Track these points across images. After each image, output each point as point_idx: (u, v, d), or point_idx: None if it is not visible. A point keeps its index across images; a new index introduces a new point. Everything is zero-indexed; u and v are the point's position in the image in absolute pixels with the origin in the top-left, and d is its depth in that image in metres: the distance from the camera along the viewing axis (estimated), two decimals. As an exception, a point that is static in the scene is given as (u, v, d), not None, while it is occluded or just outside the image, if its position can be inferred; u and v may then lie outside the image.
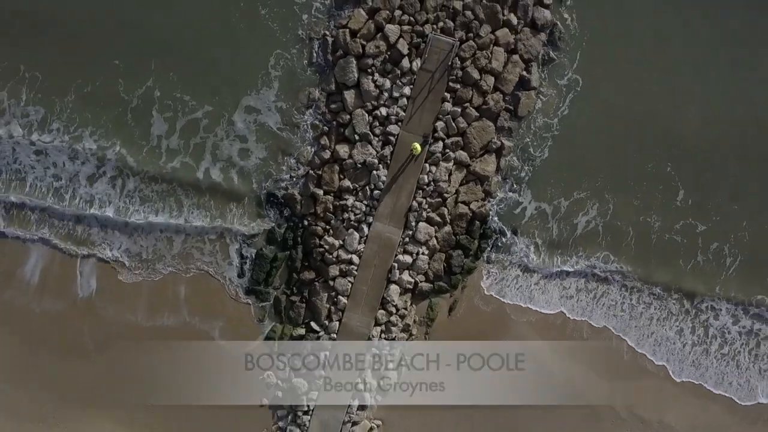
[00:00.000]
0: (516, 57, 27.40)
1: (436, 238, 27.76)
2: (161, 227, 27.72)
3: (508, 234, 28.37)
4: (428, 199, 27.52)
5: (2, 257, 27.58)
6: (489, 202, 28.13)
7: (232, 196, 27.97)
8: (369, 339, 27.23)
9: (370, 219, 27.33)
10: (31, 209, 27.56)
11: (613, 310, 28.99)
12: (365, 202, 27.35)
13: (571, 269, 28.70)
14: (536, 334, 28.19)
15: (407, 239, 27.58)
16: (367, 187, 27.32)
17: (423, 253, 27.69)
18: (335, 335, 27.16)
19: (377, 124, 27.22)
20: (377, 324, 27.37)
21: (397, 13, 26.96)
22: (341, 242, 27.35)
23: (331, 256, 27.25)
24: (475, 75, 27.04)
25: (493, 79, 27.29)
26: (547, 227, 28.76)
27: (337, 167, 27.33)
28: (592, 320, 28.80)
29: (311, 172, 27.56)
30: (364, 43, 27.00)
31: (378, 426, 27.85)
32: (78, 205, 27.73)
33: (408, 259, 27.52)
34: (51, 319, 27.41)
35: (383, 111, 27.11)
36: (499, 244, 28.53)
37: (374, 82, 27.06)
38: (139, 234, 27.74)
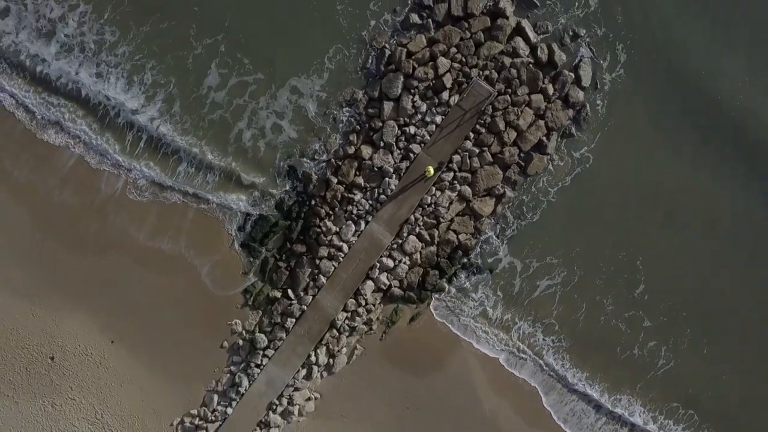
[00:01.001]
0: (541, 122, 29.13)
1: (421, 253, 29.53)
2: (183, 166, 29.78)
3: (484, 274, 29.91)
4: (425, 218, 29.32)
5: (41, 145, 29.56)
6: (476, 239, 29.75)
7: (255, 160, 29.74)
8: (334, 320, 29.04)
9: (369, 218, 29.14)
10: (75, 112, 29.75)
11: (543, 367, 30.02)
12: (370, 201, 29.24)
13: (516, 335, 29.92)
14: (478, 364, 29.66)
15: (395, 246, 29.32)
16: (376, 190, 29.16)
17: (405, 263, 29.41)
18: (306, 307, 29.05)
19: (403, 139, 29.09)
20: (345, 310, 29.14)
21: (453, 50, 28.95)
22: (338, 229, 29.15)
23: (325, 239, 29.08)
24: (501, 126, 28.84)
25: (515, 134, 28.98)
26: (512, 282, 29.91)
27: (356, 164, 29.21)
28: (522, 374, 29.91)
29: (332, 160, 29.45)
30: (416, 66, 28.94)
31: (316, 398, 29.38)
32: (119, 124, 29.81)
33: (390, 263, 29.32)
34: (66, 211, 29.24)
35: (412, 129, 29.04)
36: (469, 283, 29.98)
37: (413, 102, 29.03)
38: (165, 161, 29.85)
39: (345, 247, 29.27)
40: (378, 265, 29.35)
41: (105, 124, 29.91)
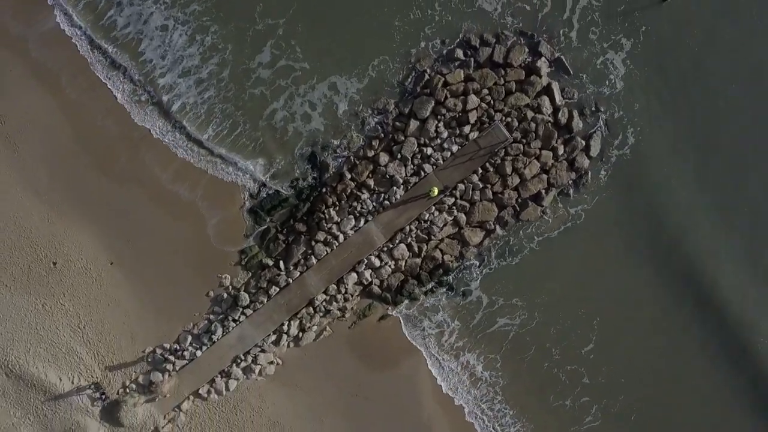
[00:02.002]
0: (545, 176, 31.31)
1: (406, 262, 31.45)
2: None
3: (455, 297, 31.46)
4: (418, 231, 31.30)
5: (95, 76, 31.60)
6: (459, 262, 31.60)
7: (281, 140, 31.51)
8: (313, 299, 30.80)
9: (370, 218, 31.06)
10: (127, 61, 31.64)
11: (477, 392, 31.44)
12: (374, 203, 31.17)
13: (460, 363, 31.30)
14: (427, 373, 31.31)
15: (385, 249, 31.19)
16: (383, 194, 31.13)
17: (389, 266, 31.29)
18: (291, 281, 30.85)
19: (419, 157, 31.17)
20: (325, 293, 30.90)
21: (485, 91, 31.15)
22: (339, 220, 30.97)
23: (325, 225, 30.90)
24: (508, 170, 31.01)
25: (518, 180, 31.15)
26: (474, 315, 31.30)
27: (371, 166, 31.23)
28: (458, 397, 31.30)
29: (351, 157, 31.49)
30: (448, 96, 31.09)
31: (278, 364, 30.73)
32: (162, 84, 31.51)
33: (377, 262, 31.13)
34: (104, 135, 31.14)
35: (429, 151, 31.14)
36: (438, 301, 31.46)
37: (437, 127, 31.10)
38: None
39: (341, 237, 31.12)
40: (365, 261, 31.18)
41: (149, 79, 31.48)
